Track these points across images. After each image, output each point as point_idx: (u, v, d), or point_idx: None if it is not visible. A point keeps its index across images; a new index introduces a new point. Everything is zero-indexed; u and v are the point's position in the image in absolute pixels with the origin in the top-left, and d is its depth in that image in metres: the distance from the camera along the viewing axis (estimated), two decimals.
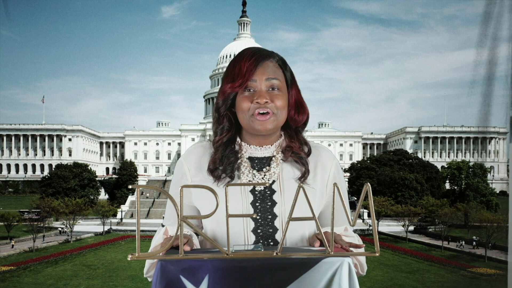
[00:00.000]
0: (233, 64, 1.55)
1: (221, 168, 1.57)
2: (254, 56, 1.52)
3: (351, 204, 73.87)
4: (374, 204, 1.31)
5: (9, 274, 33.31)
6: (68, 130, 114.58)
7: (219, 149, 1.59)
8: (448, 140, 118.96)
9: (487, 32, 2.03)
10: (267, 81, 1.51)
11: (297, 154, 1.60)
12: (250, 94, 1.52)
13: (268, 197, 1.56)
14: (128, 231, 59.76)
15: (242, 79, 1.50)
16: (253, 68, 1.50)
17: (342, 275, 1.24)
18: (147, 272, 1.52)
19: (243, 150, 1.62)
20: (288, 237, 1.54)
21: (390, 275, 34.61)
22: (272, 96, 1.52)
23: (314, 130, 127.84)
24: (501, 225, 40.68)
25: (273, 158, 1.60)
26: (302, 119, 1.63)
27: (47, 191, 74.00)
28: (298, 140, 1.64)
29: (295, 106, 1.61)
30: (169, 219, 1.62)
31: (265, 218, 1.55)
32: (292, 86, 1.60)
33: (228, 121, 1.60)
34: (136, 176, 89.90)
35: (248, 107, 1.52)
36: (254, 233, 1.53)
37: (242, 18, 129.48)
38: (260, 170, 1.59)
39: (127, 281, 31.17)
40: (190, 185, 1.49)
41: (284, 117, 1.57)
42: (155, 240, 1.50)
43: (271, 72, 1.53)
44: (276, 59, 1.57)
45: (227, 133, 1.60)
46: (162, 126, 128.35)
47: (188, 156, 1.64)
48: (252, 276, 1.23)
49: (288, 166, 1.61)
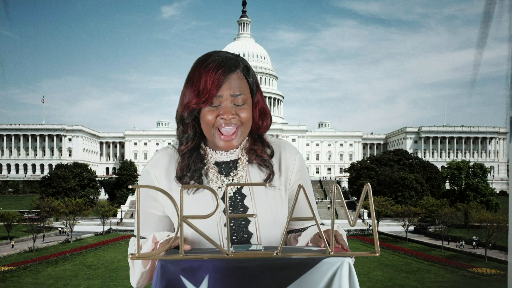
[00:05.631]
0: (198, 73, 1.49)
1: (188, 175, 1.56)
2: (220, 69, 1.46)
3: (351, 204, 73.89)
4: (374, 204, 1.30)
5: (9, 274, 33.30)
6: (68, 130, 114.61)
7: (185, 156, 1.58)
8: (448, 140, 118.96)
9: (487, 32, 2.03)
10: (232, 97, 1.48)
11: (261, 157, 1.60)
12: (215, 109, 1.49)
13: (240, 202, 1.56)
14: (128, 231, 59.68)
15: (208, 94, 1.46)
16: (218, 83, 1.45)
17: (342, 275, 1.24)
18: (137, 283, 1.51)
19: (208, 156, 1.61)
20: (264, 241, 1.54)
21: (390, 275, 34.61)
22: (237, 110, 1.50)
23: (314, 130, 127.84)
24: (501, 225, 40.68)
25: (239, 161, 1.60)
26: (267, 124, 1.62)
27: (47, 191, 74.01)
28: (261, 141, 1.63)
29: (259, 113, 1.59)
30: (149, 229, 1.58)
31: (238, 224, 1.55)
32: (256, 93, 1.58)
33: (192, 130, 1.58)
34: (136, 176, 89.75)
35: (213, 121, 1.49)
36: (229, 240, 1.53)
37: (242, 18, 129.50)
38: (227, 175, 1.59)
39: (127, 281, 30.76)
40: (190, 185, 1.50)
41: (249, 127, 1.56)
42: (144, 248, 1.45)
43: (236, 87, 1.48)
44: (241, 68, 1.52)
45: (192, 142, 1.59)
46: (162, 126, 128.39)
47: (154, 164, 1.61)
48: (252, 276, 1.23)
49: (254, 168, 1.61)
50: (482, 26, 2.03)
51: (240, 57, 1.57)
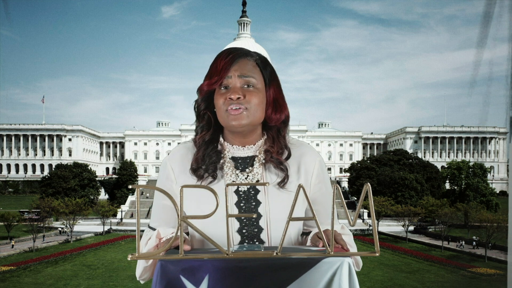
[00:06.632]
0: (213, 62, 1.57)
1: (203, 167, 1.58)
2: (231, 54, 1.54)
3: (351, 204, 73.92)
4: (374, 204, 1.31)
5: (9, 274, 33.29)
6: (68, 130, 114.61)
7: (201, 148, 1.61)
8: (448, 140, 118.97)
9: (487, 32, 2.03)
10: (241, 78, 1.52)
11: (276, 159, 1.61)
12: (226, 91, 1.53)
13: (253, 197, 1.57)
14: (128, 231, 59.73)
15: (218, 76, 1.52)
16: (228, 65, 1.52)
17: (342, 275, 1.24)
18: (140, 276, 1.52)
19: (225, 150, 1.63)
20: (274, 237, 1.54)
21: (390, 275, 34.61)
22: (246, 92, 1.53)
23: (314, 130, 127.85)
24: (501, 225, 40.67)
25: (256, 158, 1.61)
26: (280, 117, 1.62)
27: (47, 191, 74.00)
28: (279, 143, 1.63)
29: (272, 104, 1.60)
30: (159, 220, 1.62)
31: (250, 218, 1.55)
32: (271, 85, 1.60)
33: (207, 120, 1.62)
34: (136, 176, 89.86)
35: (223, 103, 1.53)
36: (239, 233, 1.54)
37: (242, 18, 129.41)
38: (243, 170, 1.60)
39: (127, 281, 31.16)
40: (190, 185, 1.49)
41: (260, 114, 1.57)
42: (148, 244, 1.49)
43: (246, 70, 1.54)
44: (255, 58, 1.58)
45: (207, 132, 1.62)
46: (162, 126, 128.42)
47: (172, 156, 1.65)
48: (252, 276, 1.23)
49: (271, 168, 1.61)
50: (482, 26, 2.03)
51: (259, 53, 1.62)
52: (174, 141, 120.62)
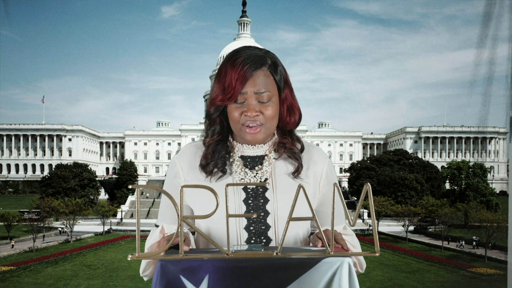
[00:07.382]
0: (225, 69, 1.51)
1: (212, 162, 1.58)
2: (245, 66, 1.48)
3: (351, 204, 73.89)
4: (374, 204, 1.31)
5: (9, 274, 33.31)
6: (68, 130, 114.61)
7: (210, 146, 1.61)
8: (448, 140, 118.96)
9: (487, 32, 2.03)
10: (256, 94, 1.49)
11: (290, 149, 1.61)
12: (240, 105, 1.51)
13: (261, 194, 1.57)
14: (128, 231, 59.76)
15: (232, 91, 1.48)
16: (243, 80, 1.47)
17: (342, 275, 1.24)
18: (143, 271, 1.52)
19: (235, 149, 1.62)
20: (281, 235, 1.53)
21: (390, 275, 34.62)
22: (262, 108, 1.51)
23: (314, 130, 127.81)
24: (501, 225, 40.69)
25: (266, 157, 1.61)
26: (296, 120, 1.62)
27: (47, 191, 74.00)
28: (291, 136, 1.64)
29: (286, 109, 1.60)
30: (165, 217, 1.61)
31: (258, 215, 1.55)
32: (284, 89, 1.58)
33: (220, 124, 1.61)
34: (136, 176, 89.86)
35: (239, 118, 1.52)
36: (247, 230, 1.54)
37: (242, 18, 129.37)
38: (252, 168, 1.60)
39: (127, 281, 31.16)
40: (190, 185, 1.49)
41: (275, 124, 1.57)
42: (152, 239, 1.50)
43: (261, 85, 1.49)
44: (268, 65, 1.53)
45: (219, 135, 1.62)
46: (162, 126, 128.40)
47: (181, 155, 1.65)
48: (252, 276, 1.23)
49: (281, 163, 1.61)
50: (482, 26, 2.03)
51: (270, 53, 1.58)
52: (174, 141, 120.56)
